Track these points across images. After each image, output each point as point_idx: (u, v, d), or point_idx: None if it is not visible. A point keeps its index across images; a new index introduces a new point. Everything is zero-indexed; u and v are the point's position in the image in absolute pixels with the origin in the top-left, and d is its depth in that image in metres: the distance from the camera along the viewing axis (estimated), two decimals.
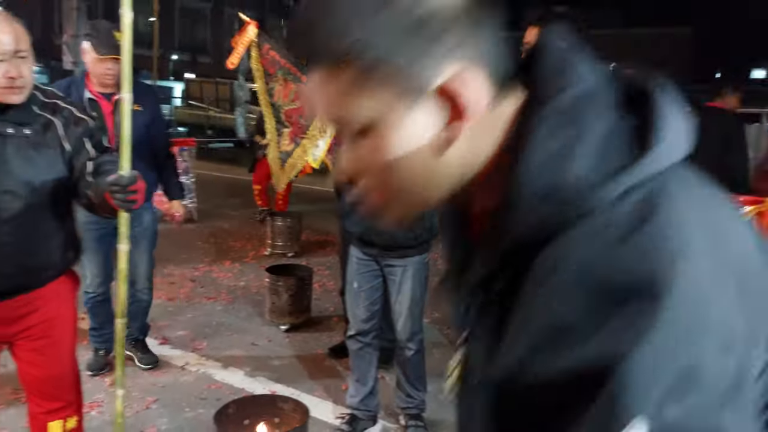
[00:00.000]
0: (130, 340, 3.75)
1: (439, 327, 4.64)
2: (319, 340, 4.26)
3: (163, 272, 5.52)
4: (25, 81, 1.94)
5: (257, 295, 5.06)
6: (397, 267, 3.01)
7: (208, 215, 8.00)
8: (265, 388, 3.53)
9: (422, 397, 3.21)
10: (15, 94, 1.93)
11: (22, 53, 1.92)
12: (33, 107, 2.05)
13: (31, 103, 2.03)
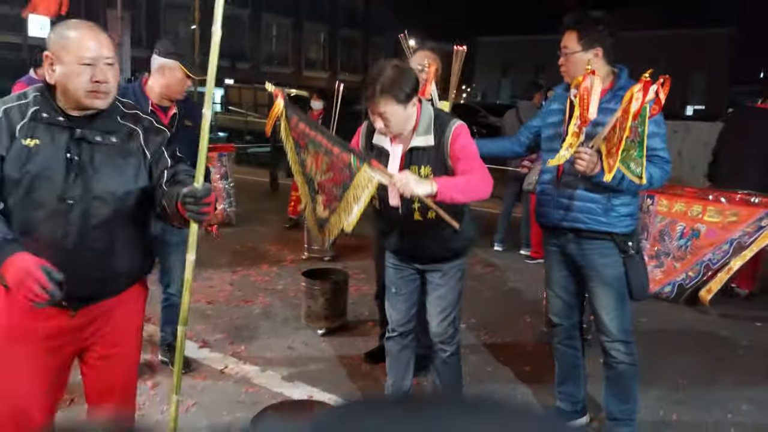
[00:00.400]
0: (164, 344, 3.82)
1: (476, 332, 4.60)
2: (354, 344, 4.26)
3: (202, 276, 5.60)
4: (110, 87, 1.99)
5: (294, 299, 5.08)
6: (435, 272, 3.01)
7: (246, 219, 8.08)
8: (302, 392, 3.55)
9: None
10: (100, 99, 1.97)
11: (108, 60, 1.97)
12: (117, 116, 2.10)
13: (115, 112, 2.09)
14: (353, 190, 2.58)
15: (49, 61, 1.95)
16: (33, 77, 6.11)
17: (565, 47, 2.87)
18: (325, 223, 2.77)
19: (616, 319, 2.94)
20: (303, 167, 2.78)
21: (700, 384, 3.86)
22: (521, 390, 3.71)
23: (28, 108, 1.96)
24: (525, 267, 6.56)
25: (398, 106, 2.61)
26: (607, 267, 2.91)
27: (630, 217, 2.91)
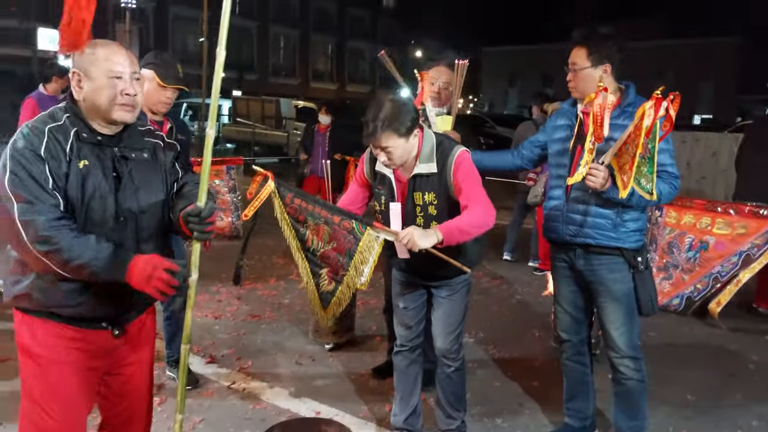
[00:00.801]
0: (171, 361, 3.81)
1: (483, 346, 4.59)
2: (362, 359, 4.26)
3: (209, 290, 5.62)
4: (138, 100, 2.04)
5: (301, 313, 5.09)
6: (442, 287, 3.01)
7: (253, 232, 8.08)
8: (309, 408, 3.54)
9: (462, 417, 3.17)
10: (129, 112, 2.02)
11: (136, 74, 2.04)
12: (139, 133, 2.16)
13: (136, 128, 2.15)
14: (360, 254, 2.62)
15: (76, 78, 1.99)
16: (42, 92, 6.14)
17: (574, 63, 2.87)
18: (330, 297, 2.80)
19: (625, 335, 2.93)
20: (303, 243, 2.79)
21: (710, 400, 3.83)
22: (529, 405, 3.69)
23: (67, 129, 1.97)
24: (532, 280, 6.54)
25: (400, 140, 2.65)
26: (617, 282, 2.90)
27: (639, 233, 2.91)
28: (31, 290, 1.97)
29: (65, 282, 1.95)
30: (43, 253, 1.85)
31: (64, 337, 2.03)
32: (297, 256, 2.85)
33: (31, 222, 1.84)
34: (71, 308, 1.99)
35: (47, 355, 2.03)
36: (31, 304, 1.99)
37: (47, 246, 1.84)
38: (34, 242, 1.84)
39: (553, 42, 40.08)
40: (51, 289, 1.96)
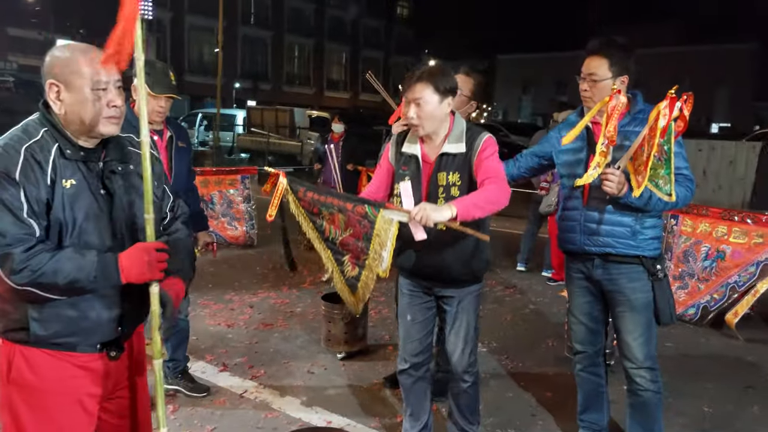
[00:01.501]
0: (177, 372, 3.77)
1: (497, 356, 4.56)
2: (374, 369, 4.24)
3: (223, 298, 5.64)
4: (123, 111, 1.90)
5: (313, 322, 5.08)
6: (452, 299, 2.93)
7: (267, 240, 8.12)
8: (320, 418, 3.53)
9: (476, 430, 3.13)
10: (115, 124, 1.87)
11: (119, 82, 1.87)
12: (122, 143, 2.00)
13: (120, 138, 1.98)
14: (377, 238, 2.61)
15: (55, 90, 1.81)
16: None
17: (593, 74, 2.81)
18: (356, 283, 2.77)
19: (643, 345, 2.89)
20: (321, 233, 2.80)
21: (727, 412, 3.78)
22: (542, 417, 3.66)
23: (47, 145, 1.80)
24: (546, 289, 6.50)
25: (434, 95, 2.67)
26: (636, 291, 2.86)
27: (657, 240, 2.88)
28: (25, 324, 1.83)
29: (62, 310, 1.83)
30: (26, 284, 1.72)
31: (60, 366, 1.90)
32: (318, 246, 2.84)
33: (5, 256, 1.69)
34: (70, 337, 1.87)
35: (44, 387, 1.89)
36: (29, 337, 1.84)
37: (28, 276, 1.71)
38: (11, 276, 1.70)
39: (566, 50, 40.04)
40: (48, 320, 1.83)
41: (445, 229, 2.65)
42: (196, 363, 4.17)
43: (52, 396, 1.90)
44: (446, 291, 2.94)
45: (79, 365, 1.92)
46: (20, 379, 1.88)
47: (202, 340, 4.62)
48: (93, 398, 1.98)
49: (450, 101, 2.74)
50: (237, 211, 7.74)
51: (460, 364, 2.97)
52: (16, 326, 1.84)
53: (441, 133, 2.79)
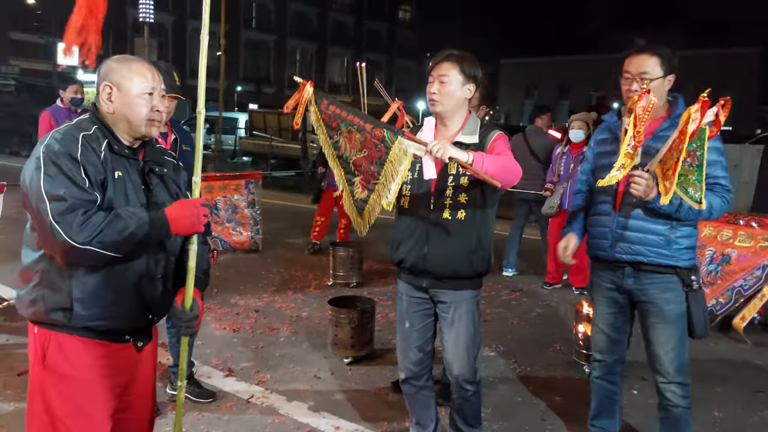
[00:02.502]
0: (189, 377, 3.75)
1: (504, 360, 4.54)
2: (381, 373, 4.22)
3: (228, 302, 5.62)
4: (164, 116, 2.12)
5: (320, 326, 5.07)
6: (449, 304, 2.88)
7: (271, 244, 8.12)
8: (328, 423, 3.51)
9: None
10: (155, 126, 2.08)
11: (163, 90, 2.11)
12: (158, 149, 2.22)
13: (155, 144, 2.21)
14: (389, 165, 2.59)
15: (107, 91, 2.02)
16: (58, 105, 6.24)
17: (645, 72, 2.70)
18: (363, 205, 2.75)
19: (675, 359, 2.80)
20: (337, 149, 2.77)
21: (738, 417, 3.75)
22: (552, 421, 3.63)
23: (99, 139, 1.99)
24: (552, 293, 6.48)
25: (459, 77, 2.73)
26: (670, 302, 2.77)
27: (692, 250, 2.78)
28: (67, 304, 1.95)
29: (104, 293, 1.97)
30: (87, 242, 1.82)
31: (92, 354, 2.03)
32: (333, 163, 2.83)
33: (68, 219, 1.82)
34: (108, 321, 2.00)
35: (77, 374, 2.02)
36: (68, 319, 1.96)
37: (90, 234, 1.82)
38: (74, 236, 1.81)
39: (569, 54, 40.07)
40: (90, 301, 1.96)
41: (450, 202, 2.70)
42: (202, 368, 4.16)
43: (84, 383, 2.03)
44: (443, 293, 2.88)
45: (109, 354, 2.06)
46: (54, 366, 2.01)
47: (208, 344, 4.60)
48: (115, 391, 2.11)
49: (471, 88, 2.78)
50: (242, 216, 7.72)
51: (461, 373, 2.92)
52: (58, 307, 1.96)
53: (456, 121, 2.82)
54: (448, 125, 2.83)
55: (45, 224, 1.83)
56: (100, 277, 1.96)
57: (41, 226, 1.87)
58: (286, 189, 14.85)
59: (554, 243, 6.56)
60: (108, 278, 1.97)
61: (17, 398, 3.59)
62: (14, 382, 3.80)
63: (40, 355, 2.02)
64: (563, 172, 6.44)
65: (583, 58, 39.21)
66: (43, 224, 1.84)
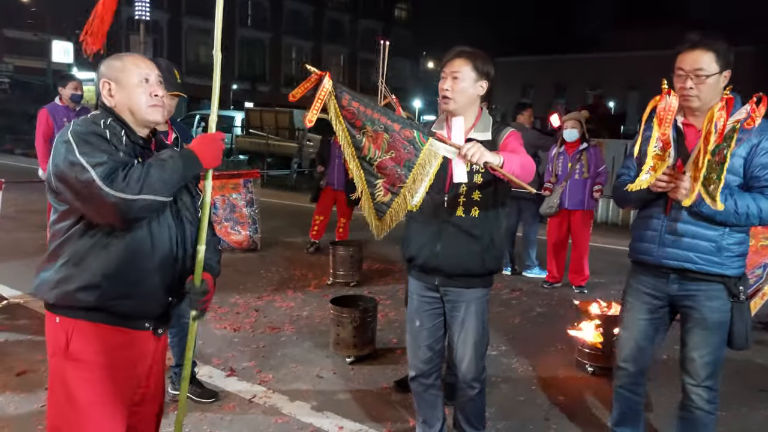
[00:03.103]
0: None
1: (507, 359, 4.53)
2: (384, 372, 4.21)
3: (228, 301, 5.60)
4: (165, 102, 2.20)
5: (321, 326, 5.05)
6: (459, 303, 2.87)
7: (269, 243, 8.10)
8: (332, 423, 3.49)
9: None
10: (160, 112, 2.16)
11: (160, 77, 2.20)
12: (165, 143, 2.31)
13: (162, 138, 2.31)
14: (419, 167, 2.51)
15: (107, 88, 2.12)
16: (57, 104, 6.21)
17: (700, 69, 2.56)
18: (385, 209, 2.65)
19: (708, 365, 2.71)
20: (359, 150, 2.61)
21: (740, 416, 3.75)
22: (556, 420, 3.62)
23: (117, 128, 2.07)
24: (552, 292, 6.47)
25: (472, 73, 2.73)
26: (714, 311, 2.66)
27: (742, 258, 2.67)
28: (95, 282, 2.01)
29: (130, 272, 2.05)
30: (138, 192, 1.91)
31: (114, 342, 2.09)
32: (352, 164, 2.66)
33: (115, 178, 1.90)
34: (132, 300, 2.07)
35: (99, 361, 2.07)
36: (95, 298, 2.02)
37: (137, 184, 1.91)
38: (125, 190, 1.89)
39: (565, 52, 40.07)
40: (117, 278, 2.03)
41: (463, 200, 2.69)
42: (203, 367, 4.13)
43: (107, 370, 2.08)
44: (454, 292, 2.87)
45: (130, 343, 2.13)
46: (78, 353, 2.06)
47: (209, 344, 4.58)
48: (134, 380, 2.18)
49: (483, 85, 2.78)
50: (240, 215, 7.69)
51: (469, 372, 2.92)
52: (86, 284, 2.02)
53: (469, 118, 2.80)
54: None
55: (94, 192, 1.89)
56: (129, 254, 2.04)
57: (90, 198, 1.91)
58: (283, 188, 14.82)
59: (554, 242, 6.57)
60: (136, 255, 2.06)
61: (17, 398, 3.56)
62: (14, 382, 3.76)
63: (63, 344, 2.06)
64: (561, 172, 6.44)
65: (580, 57, 39.22)
66: (92, 194, 1.90)
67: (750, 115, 2.32)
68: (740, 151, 2.55)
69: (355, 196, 2.72)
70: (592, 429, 3.52)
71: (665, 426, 3.46)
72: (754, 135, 2.54)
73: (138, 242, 2.05)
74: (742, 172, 2.59)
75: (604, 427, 3.51)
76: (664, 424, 3.17)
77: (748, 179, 2.59)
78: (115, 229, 2.02)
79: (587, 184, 6.32)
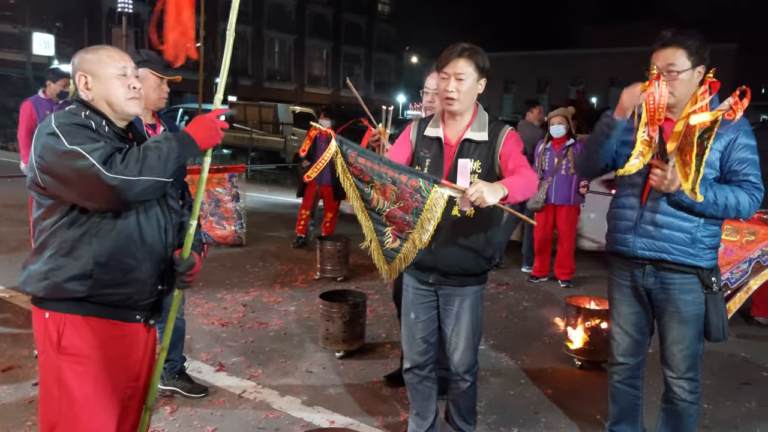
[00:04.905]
0: (173, 372, 3.69)
1: (495, 353, 4.55)
2: (373, 367, 4.21)
3: (215, 297, 5.56)
4: (142, 93, 2.20)
5: (309, 321, 5.04)
6: (454, 297, 2.90)
7: (255, 238, 8.05)
8: (323, 418, 3.49)
9: (472, 431, 3.11)
10: (138, 104, 2.16)
11: (136, 70, 2.19)
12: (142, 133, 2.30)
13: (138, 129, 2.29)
14: (427, 212, 2.55)
15: (83, 81, 2.11)
16: (40, 97, 6.12)
17: (672, 65, 2.59)
18: (395, 254, 2.70)
19: (688, 357, 2.76)
20: (368, 202, 2.66)
21: (726, 409, 3.81)
22: (545, 414, 3.65)
23: (96, 119, 2.06)
24: (538, 286, 6.51)
25: (474, 74, 2.71)
26: (689, 304, 2.71)
27: (715, 250, 2.72)
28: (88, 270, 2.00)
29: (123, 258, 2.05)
30: (137, 174, 1.91)
31: (106, 336, 2.09)
32: (361, 216, 2.70)
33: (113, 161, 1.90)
34: (125, 288, 2.07)
35: (93, 354, 2.06)
36: (88, 287, 2.01)
37: (135, 166, 1.92)
38: (124, 171, 1.90)
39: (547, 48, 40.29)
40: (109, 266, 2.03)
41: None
42: (192, 363, 4.10)
43: (100, 364, 2.07)
44: (449, 288, 2.90)
45: (121, 336, 2.13)
46: (70, 348, 2.04)
47: (197, 339, 4.55)
48: (125, 374, 2.18)
49: (483, 83, 2.77)
50: (225, 210, 7.64)
51: (462, 364, 2.94)
52: (77, 274, 2.00)
53: (465, 116, 2.81)
54: (458, 120, 2.82)
55: (91, 178, 1.88)
56: (120, 241, 2.04)
57: (87, 184, 1.90)
58: (268, 182, 14.75)
59: (539, 238, 6.61)
60: (127, 243, 2.06)
61: (3, 394, 3.51)
62: (0, 378, 3.72)
63: (54, 340, 2.04)
64: (547, 168, 6.48)
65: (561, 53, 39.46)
66: (90, 180, 1.88)
67: (732, 108, 2.34)
68: (717, 145, 2.59)
69: (364, 245, 2.72)
70: (581, 422, 3.56)
71: (650, 418, 3.50)
72: (732, 130, 2.58)
73: (128, 229, 2.06)
74: (718, 165, 2.64)
75: (593, 419, 3.56)
76: (649, 416, 3.20)
77: (726, 173, 2.63)
78: (104, 218, 2.01)
79: (573, 179, 6.37)
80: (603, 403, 3.22)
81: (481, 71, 2.74)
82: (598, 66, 36.44)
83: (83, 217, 2.01)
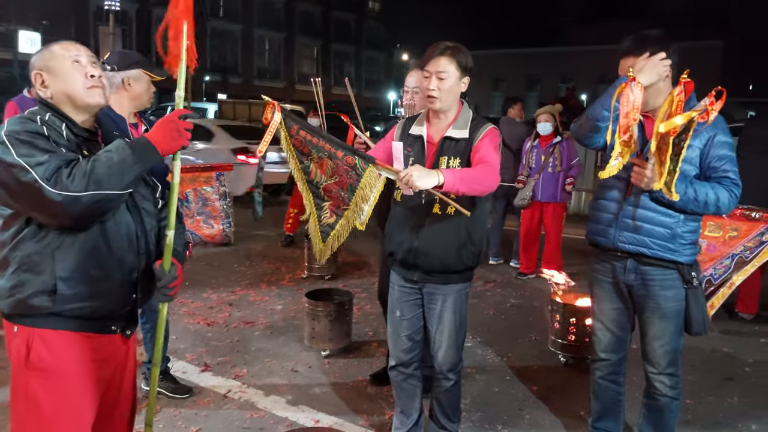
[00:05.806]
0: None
1: (481, 350, 4.57)
2: (359, 366, 4.21)
3: (201, 296, 5.55)
4: (103, 81, 2.05)
5: (295, 320, 5.04)
6: (437, 295, 2.90)
7: (242, 237, 8.04)
8: (307, 417, 3.49)
9: (456, 429, 3.12)
10: (100, 94, 2.02)
11: (93, 58, 2.06)
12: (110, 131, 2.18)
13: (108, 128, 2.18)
14: (361, 190, 2.61)
15: (39, 80, 2.00)
16: (26, 96, 6.07)
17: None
18: (330, 231, 2.76)
19: (668, 353, 2.79)
20: (307, 174, 2.75)
21: (708, 404, 3.83)
22: (529, 411, 3.67)
23: (57, 123, 1.95)
24: (524, 283, 6.54)
25: (456, 72, 2.72)
26: (669, 300, 2.74)
27: (694, 245, 2.75)
28: (51, 286, 1.90)
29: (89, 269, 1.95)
30: (86, 189, 1.79)
31: (78, 348, 2.00)
32: (301, 187, 2.80)
33: (58, 177, 1.78)
34: (94, 301, 1.97)
35: (63, 369, 1.98)
36: (53, 303, 1.91)
37: (83, 180, 1.79)
38: (70, 188, 1.78)
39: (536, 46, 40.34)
40: (75, 279, 1.93)
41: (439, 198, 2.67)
42: (177, 363, 4.09)
43: (71, 378, 1.99)
44: (432, 286, 2.90)
45: (95, 348, 2.04)
46: (39, 362, 1.96)
47: (182, 339, 4.54)
48: (101, 384, 2.08)
49: (466, 81, 2.78)
50: (213, 209, 7.62)
51: (445, 363, 2.95)
52: (41, 290, 1.91)
53: (449, 115, 2.81)
54: (442, 118, 2.83)
55: (35, 193, 1.77)
56: (85, 252, 1.94)
57: (32, 199, 1.80)
58: None
59: (526, 234, 6.64)
60: (92, 253, 1.95)
61: None
62: None
63: (23, 354, 1.96)
64: (534, 165, 6.51)
65: (549, 51, 39.52)
66: (34, 195, 1.78)
67: (707, 109, 2.36)
68: (696, 142, 2.62)
69: (304, 218, 2.80)
70: (565, 418, 3.58)
71: (632, 413, 3.52)
72: (710, 127, 2.61)
73: (93, 240, 1.95)
74: (698, 162, 2.67)
75: (577, 416, 3.58)
76: (632, 411, 3.22)
77: (705, 170, 2.67)
78: (65, 231, 1.91)
79: (560, 177, 6.40)
80: (587, 400, 3.24)
81: (464, 70, 2.74)
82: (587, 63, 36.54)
83: (43, 230, 1.91)
